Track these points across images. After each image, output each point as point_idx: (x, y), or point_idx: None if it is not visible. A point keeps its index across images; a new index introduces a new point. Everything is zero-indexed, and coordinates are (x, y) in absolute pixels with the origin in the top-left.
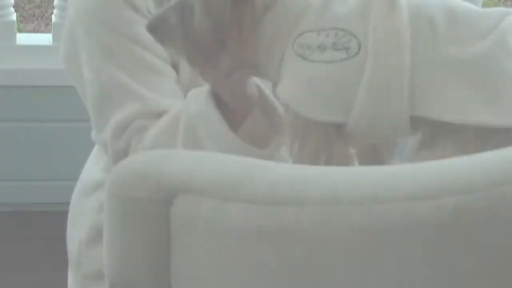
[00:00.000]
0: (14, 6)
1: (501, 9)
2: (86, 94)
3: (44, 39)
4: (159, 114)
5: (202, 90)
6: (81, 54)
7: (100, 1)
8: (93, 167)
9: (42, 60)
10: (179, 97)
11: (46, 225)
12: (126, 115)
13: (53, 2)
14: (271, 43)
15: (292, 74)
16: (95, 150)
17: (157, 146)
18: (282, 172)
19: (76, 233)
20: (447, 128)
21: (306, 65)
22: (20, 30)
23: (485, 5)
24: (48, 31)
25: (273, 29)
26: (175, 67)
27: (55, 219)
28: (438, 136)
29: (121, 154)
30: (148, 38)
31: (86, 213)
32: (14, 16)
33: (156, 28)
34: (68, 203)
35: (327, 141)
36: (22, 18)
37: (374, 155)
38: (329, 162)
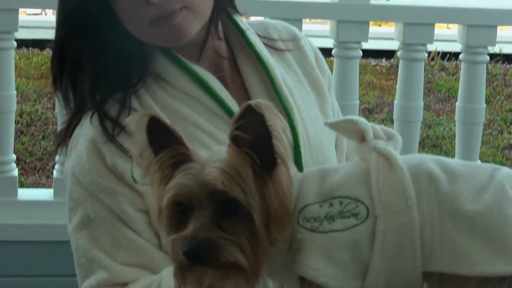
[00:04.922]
0: (16, 159)
1: (489, 165)
2: None
3: (45, 194)
4: (124, 284)
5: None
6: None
7: (85, 166)
8: None
9: (43, 215)
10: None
11: None
12: (94, 284)
13: (54, 156)
14: None
15: (307, 249)
16: None
17: None
18: None
19: None
20: (453, 280)
21: (317, 237)
22: (21, 183)
23: (483, 154)
24: (49, 184)
25: None
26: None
27: None
28: None
29: None
30: (130, 212)
31: None
32: (15, 172)
33: (200, 254)
34: None
35: None
36: (23, 171)
37: None
38: None
